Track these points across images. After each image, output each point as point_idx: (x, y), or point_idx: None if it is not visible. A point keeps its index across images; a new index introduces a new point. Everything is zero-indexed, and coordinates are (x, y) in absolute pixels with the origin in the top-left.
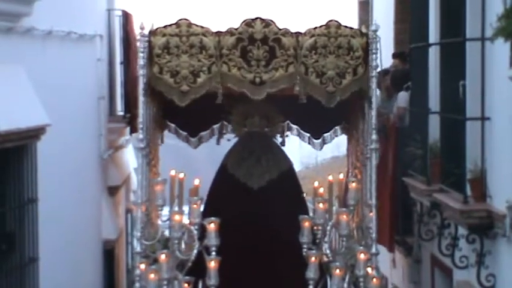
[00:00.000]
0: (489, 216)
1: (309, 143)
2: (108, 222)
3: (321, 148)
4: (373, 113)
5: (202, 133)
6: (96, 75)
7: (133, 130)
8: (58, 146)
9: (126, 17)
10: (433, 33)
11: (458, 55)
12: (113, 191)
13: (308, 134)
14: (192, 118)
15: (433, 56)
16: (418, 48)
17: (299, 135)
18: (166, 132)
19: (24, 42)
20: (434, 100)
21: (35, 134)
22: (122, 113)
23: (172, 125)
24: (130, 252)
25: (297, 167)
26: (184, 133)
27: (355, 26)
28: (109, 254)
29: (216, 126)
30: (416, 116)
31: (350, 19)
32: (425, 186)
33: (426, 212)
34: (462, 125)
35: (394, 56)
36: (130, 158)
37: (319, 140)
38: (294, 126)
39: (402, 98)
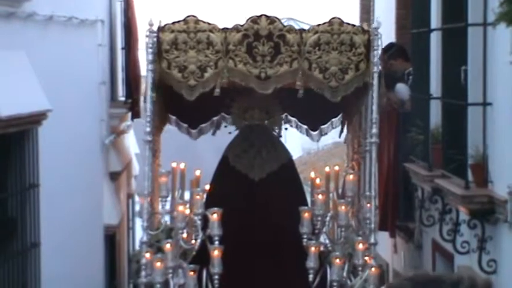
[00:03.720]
0: (490, 201)
1: (307, 135)
2: (109, 207)
3: (318, 140)
4: (374, 107)
5: (203, 125)
6: (97, 60)
7: (135, 115)
8: (59, 131)
9: (127, 2)
10: (435, 18)
11: (460, 40)
12: (114, 176)
13: (306, 126)
14: (192, 110)
15: (435, 41)
16: (420, 34)
17: (297, 127)
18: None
19: (25, 28)
20: (435, 85)
21: (36, 119)
22: (123, 99)
23: (173, 117)
24: (131, 237)
25: (299, 153)
26: (185, 125)
27: (356, 11)
28: (110, 239)
29: (215, 118)
30: (418, 101)
31: (351, 4)
32: (427, 171)
33: (427, 197)
34: (464, 111)
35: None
36: (131, 143)
37: (317, 132)
38: (292, 119)
39: (404, 90)
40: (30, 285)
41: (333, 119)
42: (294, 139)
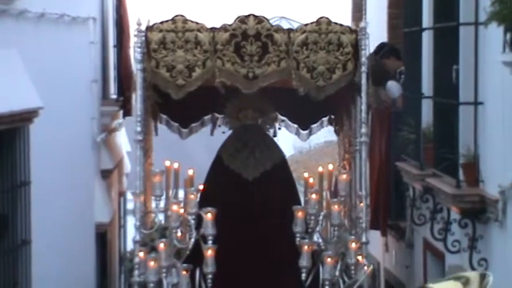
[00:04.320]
0: (481, 200)
1: (296, 134)
2: (100, 205)
3: (306, 139)
4: (363, 107)
5: (193, 124)
6: (89, 58)
7: (127, 113)
8: (51, 129)
9: (119, 0)
10: (427, 17)
11: (452, 40)
12: (105, 174)
13: (296, 125)
14: (183, 110)
15: (427, 40)
16: (412, 33)
17: (286, 126)
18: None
19: (17, 25)
20: (427, 85)
21: (27, 116)
22: (115, 96)
23: (164, 116)
24: (123, 235)
25: (290, 152)
26: (176, 124)
27: (349, 10)
28: (102, 237)
29: (206, 118)
30: (410, 100)
31: (343, 3)
32: (418, 170)
33: (419, 196)
34: (455, 110)
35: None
36: (123, 141)
37: (306, 131)
38: (283, 118)
39: (395, 88)
40: (21, 283)
41: (323, 118)
42: (286, 138)
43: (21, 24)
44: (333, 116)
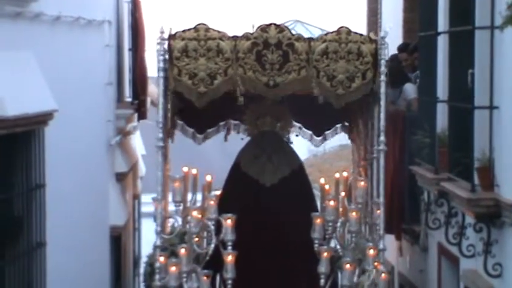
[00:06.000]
0: (497, 205)
1: (310, 140)
2: (115, 208)
3: (319, 145)
4: (382, 115)
5: (209, 130)
6: (104, 61)
7: (141, 116)
8: (66, 131)
9: (134, 3)
10: (442, 21)
11: (467, 44)
12: (120, 177)
13: (310, 132)
14: (200, 116)
15: (442, 44)
16: (427, 37)
17: (301, 132)
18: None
19: (32, 28)
20: (442, 89)
21: (42, 119)
22: (129, 99)
23: (180, 122)
24: (137, 238)
25: (305, 155)
26: (191, 130)
27: (364, 14)
28: (116, 240)
29: (222, 124)
30: (425, 104)
31: (359, 8)
32: (433, 174)
33: (434, 200)
34: (470, 114)
35: (400, 50)
36: (138, 144)
37: (320, 137)
38: (298, 124)
39: (411, 90)
40: (36, 285)
41: (338, 125)
42: (300, 141)
43: (36, 27)
44: (347, 124)
